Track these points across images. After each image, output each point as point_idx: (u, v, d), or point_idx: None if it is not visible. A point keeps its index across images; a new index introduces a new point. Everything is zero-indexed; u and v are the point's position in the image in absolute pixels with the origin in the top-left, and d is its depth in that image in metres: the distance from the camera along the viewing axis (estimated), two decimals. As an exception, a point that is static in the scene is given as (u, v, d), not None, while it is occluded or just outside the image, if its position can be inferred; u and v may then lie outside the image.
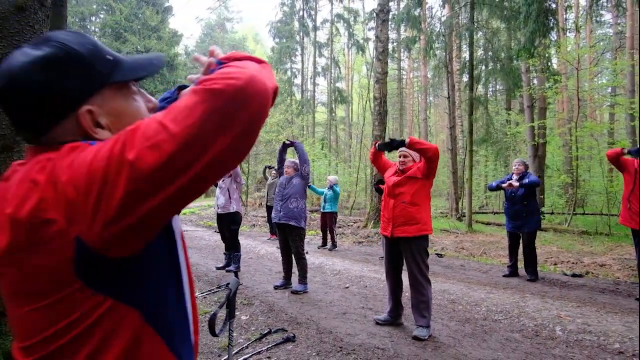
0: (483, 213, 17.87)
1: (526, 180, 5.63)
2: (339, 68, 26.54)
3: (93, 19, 28.73)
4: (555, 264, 7.42)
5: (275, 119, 21.31)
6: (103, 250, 0.62)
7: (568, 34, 18.14)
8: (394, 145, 3.72)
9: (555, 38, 12.74)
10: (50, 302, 0.65)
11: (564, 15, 17.24)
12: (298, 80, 26.42)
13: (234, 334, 2.56)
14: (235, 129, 0.61)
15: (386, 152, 4.02)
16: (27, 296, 0.67)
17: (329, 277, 5.90)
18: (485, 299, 4.71)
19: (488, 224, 14.71)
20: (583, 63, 18.84)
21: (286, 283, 5.26)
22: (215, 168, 0.63)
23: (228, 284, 5.25)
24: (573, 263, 7.56)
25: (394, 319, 3.88)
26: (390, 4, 13.77)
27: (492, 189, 6.13)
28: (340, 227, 11.95)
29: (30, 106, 0.70)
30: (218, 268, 6.34)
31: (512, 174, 5.91)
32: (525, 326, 3.83)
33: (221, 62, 0.73)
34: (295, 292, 4.98)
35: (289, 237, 5.07)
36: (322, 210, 8.83)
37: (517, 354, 3.22)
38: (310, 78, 25.70)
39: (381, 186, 4.03)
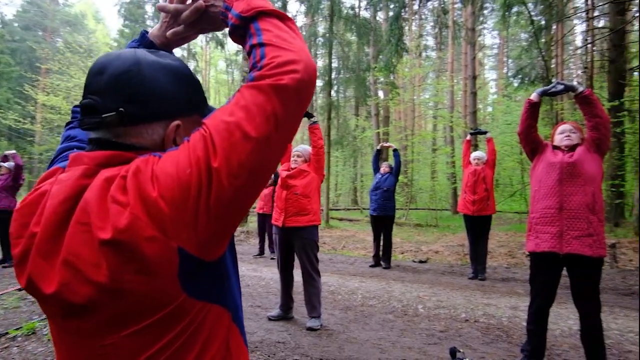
0: (336, 210, 19.45)
1: (396, 156, 6.81)
2: (197, 61, 25.46)
3: None
4: (402, 253, 8.65)
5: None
6: (203, 254, 0.65)
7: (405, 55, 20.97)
8: (307, 115, 4.12)
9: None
10: (155, 320, 0.64)
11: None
12: (151, 70, 24.36)
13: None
14: (298, 112, 0.70)
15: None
16: (126, 321, 0.64)
17: (207, 279, 5.77)
18: (359, 287, 5.29)
19: (341, 219, 16.08)
20: (414, 80, 22.08)
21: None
22: (284, 147, 0.71)
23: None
24: (415, 251, 8.93)
25: (285, 312, 4.07)
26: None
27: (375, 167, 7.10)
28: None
29: (143, 95, 0.70)
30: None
31: (380, 173, 6.80)
32: (395, 308, 4.47)
33: (240, 16, 0.73)
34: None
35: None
36: None
37: (394, 331, 3.75)
38: (165, 68, 23.98)
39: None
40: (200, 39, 27.33)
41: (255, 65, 0.69)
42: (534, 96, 2.93)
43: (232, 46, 24.34)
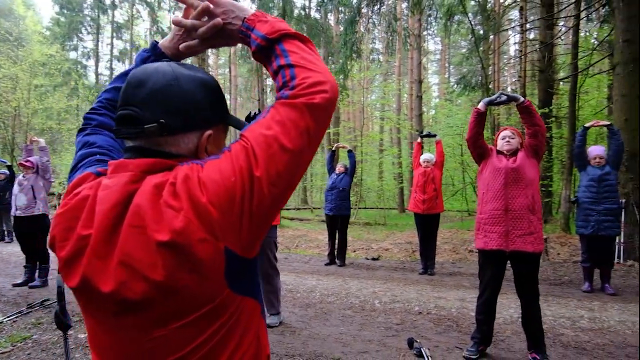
0: (286, 209, 19.50)
1: (351, 157, 6.98)
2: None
3: None
4: (354, 251, 8.91)
5: (62, 104, 17.97)
6: (245, 253, 0.74)
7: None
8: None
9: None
10: (202, 313, 0.71)
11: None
12: (91, 63, 22.98)
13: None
14: (325, 127, 0.80)
15: None
16: (176, 315, 0.70)
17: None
18: (317, 285, 5.43)
19: (292, 219, 16.18)
20: (362, 82, 22.64)
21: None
22: (312, 158, 0.81)
23: (44, 301, 4.48)
24: (366, 249, 9.23)
25: (248, 313, 4.11)
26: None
27: (329, 168, 7.25)
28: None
29: (182, 108, 0.77)
30: (16, 285, 5.25)
31: (335, 173, 6.97)
32: (353, 303, 4.66)
33: (266, 38, 0.81)
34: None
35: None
36: None
37: (354, 326, 3.93)
38: (107, 61, 22.67)
39: None
40: (145, 30, 26.17)
41: (286, 84, 0.77)
42: (480, 106, 3.21)
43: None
